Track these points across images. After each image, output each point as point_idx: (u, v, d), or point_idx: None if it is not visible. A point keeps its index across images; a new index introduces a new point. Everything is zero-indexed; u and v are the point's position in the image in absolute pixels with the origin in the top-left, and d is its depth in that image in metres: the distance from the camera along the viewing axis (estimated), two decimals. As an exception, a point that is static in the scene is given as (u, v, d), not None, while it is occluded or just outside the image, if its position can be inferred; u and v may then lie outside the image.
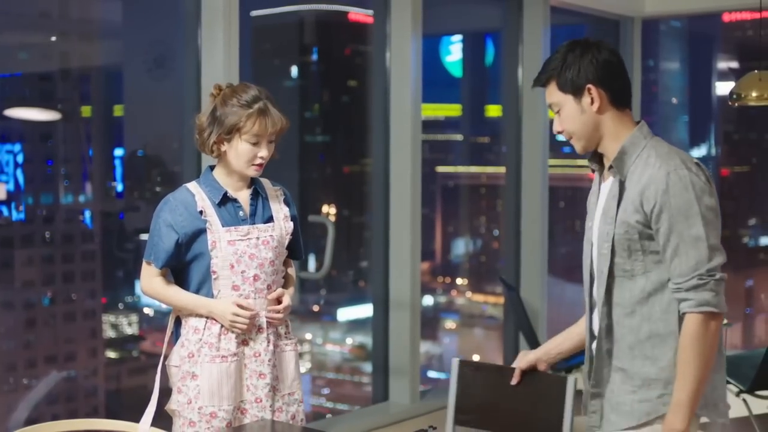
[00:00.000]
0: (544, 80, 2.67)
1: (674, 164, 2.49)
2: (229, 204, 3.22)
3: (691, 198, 2.45)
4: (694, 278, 2.45)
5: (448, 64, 8.87)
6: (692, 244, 2.46)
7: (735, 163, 10.95)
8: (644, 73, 8.78)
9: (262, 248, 3.20)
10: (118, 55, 6.27)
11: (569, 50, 2.62)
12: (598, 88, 2.59)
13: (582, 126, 2.62)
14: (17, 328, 5.72)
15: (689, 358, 2.47)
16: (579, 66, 2.59)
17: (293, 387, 3.32)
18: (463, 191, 9.34)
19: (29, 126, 5.79)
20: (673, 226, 2.45)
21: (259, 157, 3.16)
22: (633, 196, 2.51)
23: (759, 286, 10.81)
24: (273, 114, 3.14)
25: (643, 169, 2.53)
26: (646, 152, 2.57)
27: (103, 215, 6.20)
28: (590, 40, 2.64)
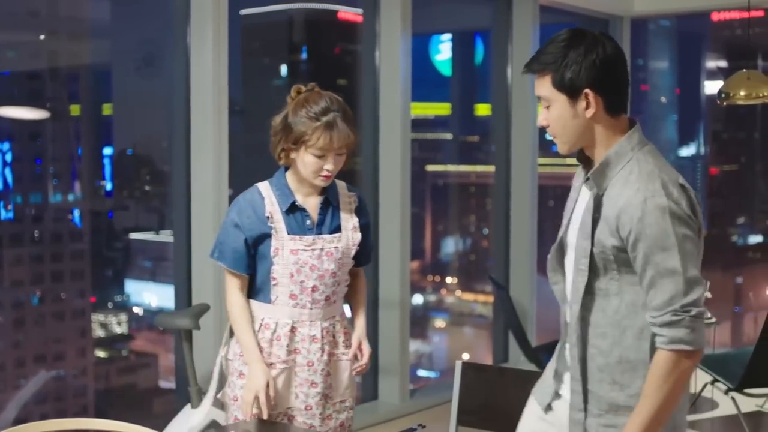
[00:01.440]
0: (538, 70, 2.43)
1: (653, 189, 2.31)
2: (298, 212, 3.17)
3: (668, 228, 2.29)
4: (668, 313, 2.28)
5: (437, 63, 8.87)
6: (668, 276, 2.30)
7: (724, 162, 10.99)
8: (633, 73, 8.79)
9: (325, 259, 3.15)
10: (107, 54, 6.26)
11: (572, 44, 2.39)
12: (597, 93, 2.40)
13: (571, 130, 2.45)
14: (6, 327, 5.70)
15: (652, 392, 2.31)
16: (581, 66, 2.37)
17: (345, 395, 3.30)
18: (452, 190, 9.35)
19: (18, 125, 5.78)
20: (649, 257, 2.30)
21: (325, 170, 3.09)
22: (609, 217, 2.37)
23: (747, 284, 10.84)
24: (340, 128, 3.06)
25: (622, 188, 2.37)
26: (630, 167, 2.40)
27: (92, 214, 6.18)
28: (594, 34, 2.42)
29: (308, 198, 3.20)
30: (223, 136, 4.92)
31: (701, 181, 10.89)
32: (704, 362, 6.19)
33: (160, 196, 6.47)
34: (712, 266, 10.75)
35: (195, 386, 4.55)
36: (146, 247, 6.53)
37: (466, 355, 11.50)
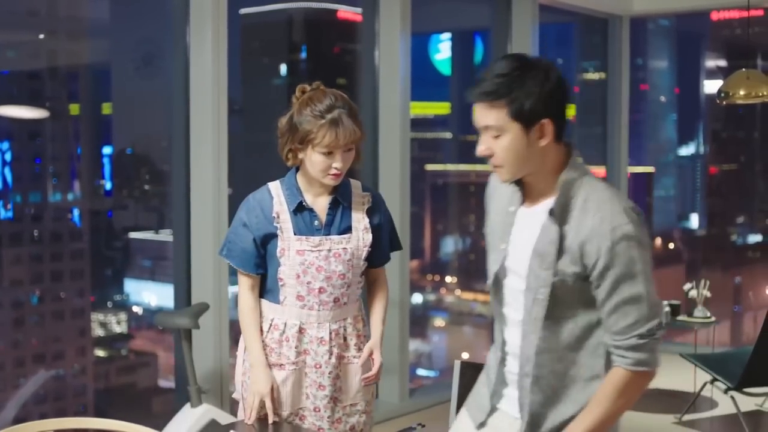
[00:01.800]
0: (492, 99, 2.30)
1: (619, 219, 2.28)
2: (305, 212, 3.10)
3: (636, 257, 2.29)
4: (633, 337, 2.31)
5: (437, 62, 8.87)
6: (634, 303, 2.30)
7: (723, 161, 10.99)
8: (633, 72, 8.79)
9: (332, 261, 3.09)
10: (107, 54, 6.26)
11: (527, 73, 2.30)
12: (552, 122, 2.30)
13: (521, 160, 2.35)
14: (5, 326, 5.70)
15: (605, 401, 2.36)
16: (539, 95, 2.27)
17: (357, 398, 3.26)
18: (452, 189, 9.35)
19: (17, 124, 5.77)
20: (617, 285, 2.29)
21: (333, 168, 3.02)
22: (572, 246, 2.33)
23: (747, 283, 10.85)
24: (346, 125, 3.00)
25: (582, 218, 2.32)
26: (583, 194, 2.35)
27: (92, 213, 6.18)
28: (543, 61, 2.33)
29: (318, 198, 3.14)
30: (222, 136, 4.92)
31: (701, 180, 10.90)
32: (704, 361, 6.19)
33: (160, 196, 6.47)
34: (711, 266, 10.76)
35: (194, 385, 4.55)
36: (146, 247, 6.53)
37: (465, 354, 11.49)
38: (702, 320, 6.70)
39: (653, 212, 10.90)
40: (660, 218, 11.06)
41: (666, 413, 6.40)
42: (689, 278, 7.52)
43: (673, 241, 11.25)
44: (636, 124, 9.10)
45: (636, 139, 9.45)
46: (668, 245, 11.33)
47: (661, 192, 10.93)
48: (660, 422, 6.24)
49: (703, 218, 10.91)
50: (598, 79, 9.00)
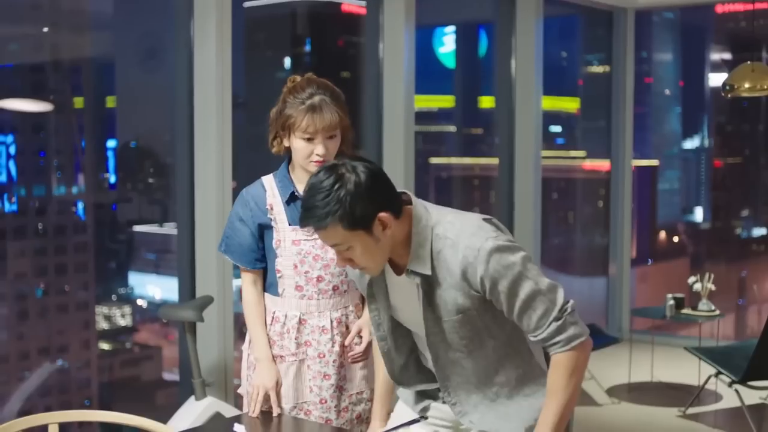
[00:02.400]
0: (324, 225, 2.39)
1: (478, 241, 2.42)
2: (298, 202, 3.12)
3: (510, 261, 2.41)
4: (551, 323, 2.42)
5: (441, 56, 8.86)
6: (534, 297, 2.42)
7: (728, 155, 10.96)
8: (637, 65, 8.77)
9: (329, 249, 3.05)
10: (110, 47, 6.26)
11: (338, 183, 2.37)
12: (386, 211, 2.42)
13: (379, 255, 2.46)
14: (10, 320, 5.71)
15: (559, 390, 2.45)
16: (360, 198, 2.37)
17: (362, 386, 3.26)
18: (456, 182, 9.34)
19: (21, 117, 5.77)
20: (511, 292, 2.42)
21: (315, 155, 3.07)
22: (456, 282, 2.45)
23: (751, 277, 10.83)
24: (325, 110, 3.04)
25: (451, 256, 2.44)
26: (439, 239, 2.47)
27: (96, 207, 6.18)
28: (342, 162, 2.42)
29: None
30: (226, 129, 4.92)
31: (705, 173, 10.87)
32: (708, 355, 6.19)
33: (164, 189, 6.47)
34: (716, 259, 10.74)
35: (199, 378, 4.56)
36: (150, 240, 6.53)
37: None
38: (706, 314, 6.70)
39: (657, 206, 10.88)
40: (664, 211, 11.05)
41: (670, 406, 6.40)
42: (694, 272, 7.51)
43: (678, 235, 11.24)
44: (640, 117, 9.08)
45: (640, 132, 9.44)
46: (672, 239, 11.32)
47: (666, 185, 10.92)
48: (664, 415, 6.24)
49: (708, 211, 10.90)
50: (603, 72, 8.98)
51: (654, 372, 7.12)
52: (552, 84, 8.18)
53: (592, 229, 9.64)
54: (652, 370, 7.12)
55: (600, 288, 9.06)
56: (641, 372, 7.12)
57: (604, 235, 9.11)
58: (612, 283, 8.85)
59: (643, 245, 10.44)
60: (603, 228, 9.12)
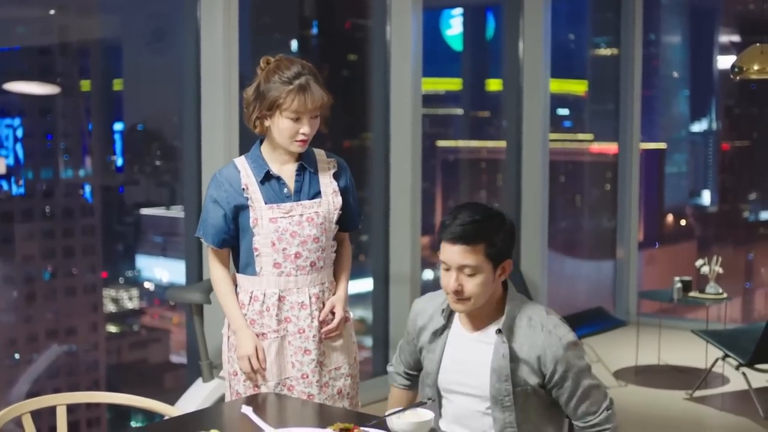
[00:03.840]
0: (471, 240, 2.67)
1: (562, 330, 2.73)
2: (273, 181, 3.19)
3: (581, 355, 2.76)
4: (603, 411, 2.77)
5: (448, 38, 8.83)
6: (593, 389, 2.77)
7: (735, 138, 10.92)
8: (645, 47, 8.74)
9: (305, 225, 3.17)
10: (118, 29, 6.25)
11: (494, 218, 2.72)
12: (511, 260, 2.76)
13: (486, 294, 2.72)
14: (18, 302, 5.72)
15: None
16: (506, 239, 2.71)
17: (340, 361, 3.31)
18: (463, 165, 9.32)
19: (28, 100, 5.77)
20: (578, 381, 2.73)
21: (301, 134, 3.12)
22: (530, 360, 2.72)
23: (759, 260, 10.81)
24: (314, 91, 3.09)
25: (531, 333, 2.73)
26: (526, 315, 2.76)
27: (103, 189, 6.19)
28: (496, 209, 2.77)
29: (284, 166, 3.22)
30: (233, 111, 4.92)
31: (713, 156, 10.84)
32: (715, 337, 6.19)
33: (171, 172, 6.47)
34: (723, 242, 10.72)
35: (206, 360, 4.57)
36: (157, 223, 6.54)
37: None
38: (714, 296, 6.70)
39: (665, 189, 10.86)
40: (672, 195, 11.03)
41: (677, 389, 6.41)
42: (701, 255, 7.50)
43: (685, 218, 11.22)
44: (648, 100, 9.05)
45: (648, 115, 9.41)
46: (680, 222, 11.29)
47: (673, 168, 10.89)
48: (671, 398, 6.25)
49: (715, 195, 10.87)
50: (611, 54, 8.95)
51: (661, 355, 7.12)
52: (560, 67, 8.16)
53: (599, 213, 9.62)
54: (659, 353, 7.12)
55: (607, 271, 9.06)
56: (648, 355, 7.13)
57: (611, 219, 9.10)
58: (619, 266, 8.85)
59: (650, 228, 10.42)
60: (610, 211, 9.11)
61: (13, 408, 2.89)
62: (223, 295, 3.26)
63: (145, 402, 3.09)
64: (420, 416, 2.59)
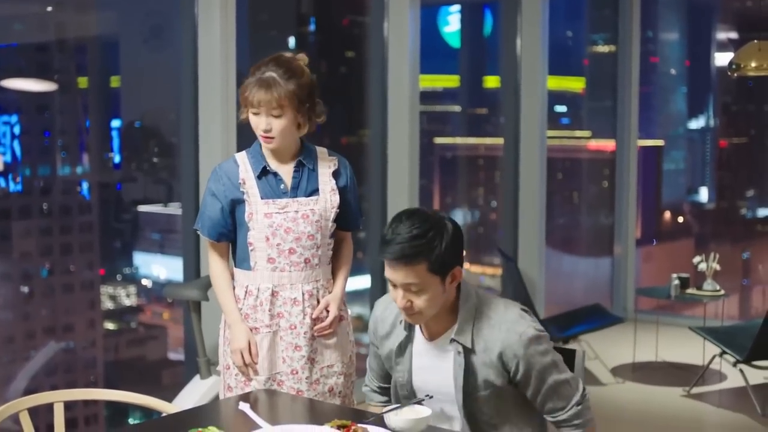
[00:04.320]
0: (411, 260, 2.55)
1: (521, 326, 2.62)
2: (270, 176, 3.19)
3: (545, 350, 2.64)
4: (573, 407, 2.68)
5: (446, 35, 8.83)
6: (560, 385, 2.67)
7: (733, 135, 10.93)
8: (643, 44, 8.74)
9: (301, 222, 3.16)
10: (115, 26, 6.24)
11: (435, 228, 2.59)
12: (461, 265, 2.66)
13: (438, 305, 2.64)
14: (15, 299, 5.72)
15: None
16: (450, 248, 2.59)
17: (333, 359, 3.30)
18: (461, 162, 9.33)
19: (26, 97, 5.77)
20: (542, 378, 2.64)
21: (260, 129, 3.11)
22: (492, 361, 2.64)
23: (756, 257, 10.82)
24: (272, 85, 3.04)
25: (490, 333, 2.64)
26: (484, 313, 2.67)
27: (101, 186, 6.18)
28: (439, 214, 2.66)
29: (282, 162, 3.21)
30: (230, 108, 4.91)
31: (710, 153, 10.85)
32: (713, 334, 6.19)
33: (169, 169, 6.47)
34: (720, 239, 10.73)
35: (204, 357, 4.57)
36: (155, 220, 6.54)
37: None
38: (711, 293, 6.70)
39: (663, 186, 10.86)
40: (669, 192, 11.03)
41: (675, 386, 6.41)
42: (698, 252, 7.50)
43: (683, 215, 11.23)
44: (645, 97, 9.06)
45: (645, 112, 9.41)
46: (677, 219, 11.30)
47: (671, 165, 10.89)
48: (669, 395, 6.25)
49: (713, 192, 10.87)
50: (608, 51, 8.95)
51: (659, 352, 7.13)
52: (557, 63, 8.16)
53: (597, 210, 9.63)
54: (656, 349, 7.13)
55: (605, 268, 9.06)
56: (646, 352, 7.13)
57: (609, 215, 9.10)
58: (617, 263, 8.85)
59: (647, 225, 10.42)
60: (608, 208, 9.11)
61: (10, 405, 2.89)
62: (221, 290, 3.26)
63: (142, 399, 3.09)
64: (417, 413, 2.59)
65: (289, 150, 3.20)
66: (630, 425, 5.68)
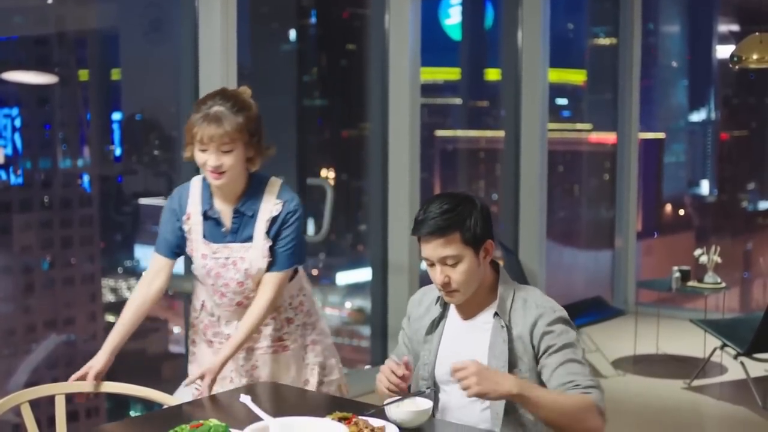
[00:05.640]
0: (444, 231, 2.64)
1: (555, 306, 2.72)
2: (212, 219, 3.11)
3: (572, 335, 2.69)
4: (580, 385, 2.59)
5: (447, 27, 8.82)
6: (575, 363, 2.64)
7: (734, 128, 10.93)
8: (644, 37, 8.73)
9: (230, 268, 3.09)
10: (115, 19, 6.24)
11: (464, 203, 2.68)
12: (492, 240, 2.72)
13: (475, 281, 2.71)
14: (16, 292, 5.72)
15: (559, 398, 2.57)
16: (481, 220, 2.67)
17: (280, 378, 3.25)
18: (461, 155, 9.32)
19: (26, 90, 5.77)
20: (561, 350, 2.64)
21: (208, 165, 2.96)
22: (523, 335, 2.68)
23: (757, 250, 10.83)
24: (219, 120, 2.91)
25: (525, 313, 2.70)
26: (521, 297, 2.74)
27: (101, 179, 6.19)
28: (465, 192, 2.75)
29: (226, 202, 3.10)
30: (231, 101, 4.90)
31: (711, 146, 10.84)
32: (714, 327, 6.19)
33: (169, 161, 6.47)
34: (721, 232, 10.73)
35: (205, 350, 4.56)
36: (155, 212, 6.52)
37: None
38: (712, 286, 6.70)
39: (663, 179, 10.86)
40: (670, 185, 11.03)
41: (675, 378, 6.41)
42: (699, 244, 7.50)
43: (684, 208, 11.23)
44: (646, 89, 9.05)
45: (646, 105, 9.41)
46: (678, 211, 11.30)
47: (672, 158, 10.89)
48: (669, 387, 6.26)
49: (714, 185, 10.87)
50: (609, 44, 8.94)
51: (659, 344, 7.13)
52: (558, 56, 8.15)
53: (597, 202, 9.63)
54: (657, 342, 7.13)
55: (606, 261, 9.06)
56: (647, 344, 7.13)
57: (609, 208, 9.09)
58: (618, 256, 8.85)
59: (648, 218, 10.42)
60: (609, 201, 9.11)
61: (11, 397, 2.89)
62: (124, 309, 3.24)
63: (144, 391, 3.09)
64: (418, 405, 2.59)
65: (236, 187, 3.06)
66: (630, 418, 5.68)
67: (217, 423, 2.37)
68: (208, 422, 2.36)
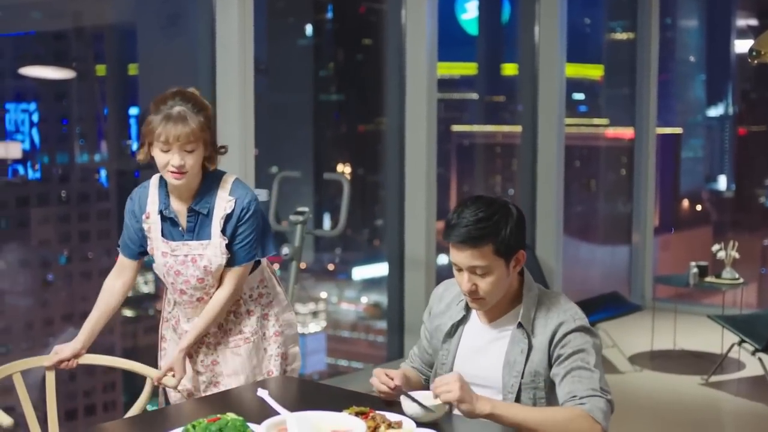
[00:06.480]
0: (477, 242, 2.57)
1: (577, 314, 2.66)
2: (169, 218, 3.14)
3: (590, 343, 2.62)
4: (587, 395, 2.54)
5: (463, 22, 8.80)
6: (586, 370, 2.57)
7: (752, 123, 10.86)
8: (662, 32, 8.69)
9: (190, 265, 3.12)
10: (132, 13, 6.25)
11: (500, 212, 2.61)
12: (524, 250, 2.67)
13: (502, 290, 2.66)
14: (34, 286, 5.75)
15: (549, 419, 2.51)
16: (515, 231, 2.61)
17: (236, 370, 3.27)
18: (478, 150, 9.31)
19: (44, 85, 5.78)
20: (572, 357, 2.59)
21: (171, 165, 2.99)
22: (543, 344, 2.63)
23: (775, 245, 10.77)
24: (182, 121, 2.95)
25: (546, 322, 2.65)
26: (545, 305, 2.68)
27: (119, 174, 6.20)
28: (502, 199, 2.67)
29: (182, 201, 3.12)
30: (248, 96, 4.91)
31: (729, 141, 10.79)
32: (731, 323, 6.17)
33: (186, 156, 6.47)
34: (739, 227, 10.68)
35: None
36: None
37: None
38: (730, 282, 6.67)
39: (681, 174, 10.82)
40: (687, 180, 10.99)
41: (693, 374, 6.40)
42: (717, 240, 7.47)
43: (701, 203, 11.18)
44: (664, 84, 9.02)
45: (664, 99, 9.37)
46: (696, 207, 11.25)
47: (689, 153, 10.84)
48: (687, 383, 6.24)
49: (731, 180, 10.82)
50: (627, 39, 8.91)
51: (677, 340, 7.11)
52: (575, 51, 8.12)
53: (615, 197, 9.60)
54: (674, 338, 7.11)
55: (623, 256, 9.03)
56: (664, 340, 7.11)
57: (627, 203, 9.07)
58: (635, 251, 8.82)
59: (666, 213, 10.38)
60: (626, 196, 9.08)
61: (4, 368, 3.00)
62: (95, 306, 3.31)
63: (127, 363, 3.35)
64: (435, 401, 2.58)
65: (191, 186, 3.09)
66: (648, 413, 5.67)
67: (235, 417, 2.37)
68: (226, 416, 2.37)
